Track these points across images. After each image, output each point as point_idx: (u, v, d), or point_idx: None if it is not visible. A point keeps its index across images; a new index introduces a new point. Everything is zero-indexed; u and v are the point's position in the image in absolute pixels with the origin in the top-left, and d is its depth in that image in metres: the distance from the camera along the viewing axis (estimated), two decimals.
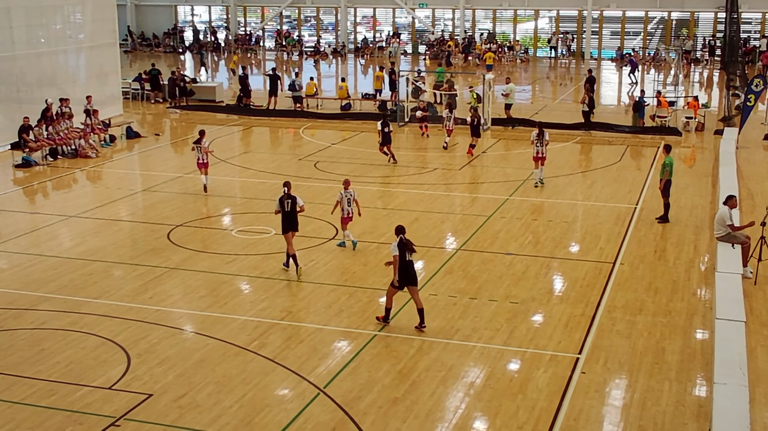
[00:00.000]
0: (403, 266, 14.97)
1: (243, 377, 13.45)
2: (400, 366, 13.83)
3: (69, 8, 35.96)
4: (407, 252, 14.99)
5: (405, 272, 15.01)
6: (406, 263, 14.99)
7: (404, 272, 15.00)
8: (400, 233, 15.17)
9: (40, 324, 15.47)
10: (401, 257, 14.93)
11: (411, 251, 15.04)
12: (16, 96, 31.51)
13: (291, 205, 17.92)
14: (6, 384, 13.20)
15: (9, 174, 27.30)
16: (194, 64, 56.83)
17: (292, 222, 18.02)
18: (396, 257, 14.89)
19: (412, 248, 15.06)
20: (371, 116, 36.95)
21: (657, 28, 63.86)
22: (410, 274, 15.06)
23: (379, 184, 25.35)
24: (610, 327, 15.33)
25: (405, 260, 14.99)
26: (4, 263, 18.92)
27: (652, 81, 49.47)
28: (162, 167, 27.38)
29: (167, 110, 39.06)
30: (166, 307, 16.28)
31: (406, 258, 14.98)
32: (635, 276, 17.91)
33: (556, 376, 13.50)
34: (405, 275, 15.02)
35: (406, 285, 15.14)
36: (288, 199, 17.89)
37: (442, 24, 66.50)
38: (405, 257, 14.97)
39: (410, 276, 15.07)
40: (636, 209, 22.70)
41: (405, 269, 15.00)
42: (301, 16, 69.12)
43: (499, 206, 22.90)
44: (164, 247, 19.77)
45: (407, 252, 14.99)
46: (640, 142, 31.90)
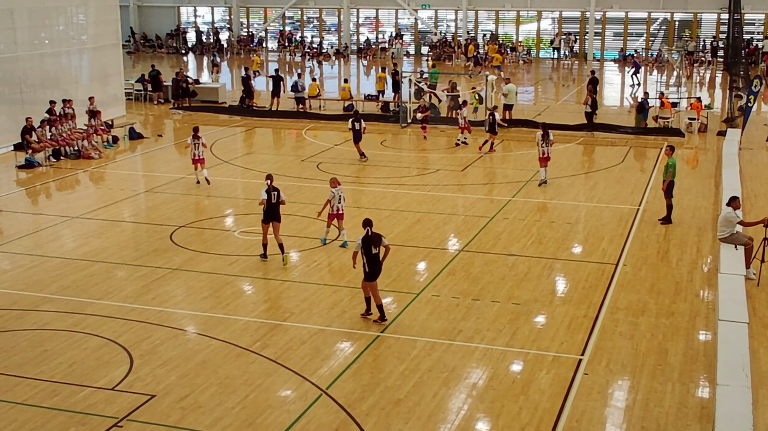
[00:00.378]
0: (369, 259, 15.18)
1: (245, 378, 13.45)
2: (402, 367, 13.83)
3: (72, 9, 35.98)
4: (372, 246, 15.16)
5: (372, 265, 15.25)
6: (372, 257, 15.19)
7: (371, 265, 15.24)
8: (366, 226, 15.36)
9: (42, 325, 15.49)
10: (367, 251, 15.13)
11: (377, 244, 15.20)
12: (19, 97, 31.53)
13: (276, 197, 18.44)
14: (9, 385, 13.21)
15: (12, 175, 27.33)
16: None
17: (274, 213, 18.52)
18: (357, 252, 15.28)
19: (377, 242, 15.22)
20: (374, 117, 37.00)
21: (660, 30, 63.83)
22: (377, 267, 15.29)
23: (381, 185, 25.35)
24: (612, 329, 15.32)
25: (371, 254, 15.18)
26: (7, 264, 18.94)
27: (654, 82, 49.41)
28: (165, 168, 27.40)
29: (170, 111, 39.10)
30: (168, 308, 16.28)
31: (372, 252, 15.17)
32: (638, 278, 17.89)
33: (559, 377, 13.49)
34: (373, 268, 15.27)
35: (375, 278, 15.39)
36: (273, 191, 18.40)
37: (444, 25, 66.48)
38: (371, 250, 15.16)
39: (378, 270, 15.33)
40: (639, 211, 22.68)
41: (371, 262, 15.21)
42: (303, 17, 69.14)
43: (501, 207, 22.90)
44: (167, 248, 19.78)
45: (372, 246, 15.16)
46: (642, 143, 31.88)
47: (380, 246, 15.31)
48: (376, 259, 15.28)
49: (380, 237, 15.36)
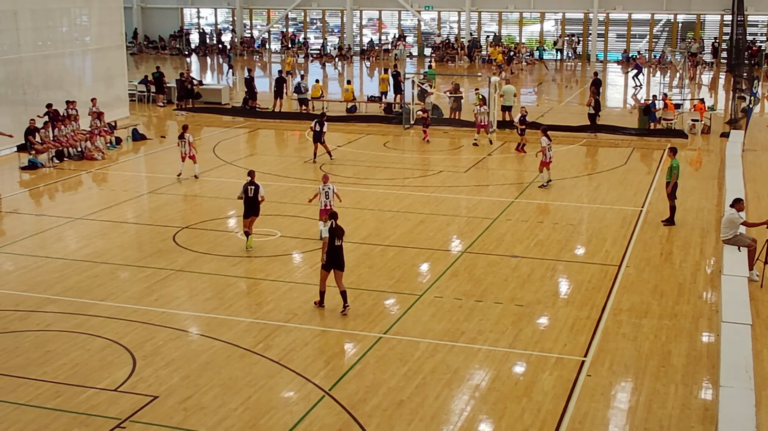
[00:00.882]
0: (332, 249, 15.81)
1: (248, 379, 13.45)
2: (405, 368, 13.83)
3: (75, 11, 36.03)
4: (336, 238, 15.81)
5: (333, 255, 15.84)
6: (334, 248, 15.83)
7: (332, 255, 15.83)
8: (332, 218, 16.02)
9: (46, 326, 15.50)
10: (330, 241, 15.78)
11: (340, 237, 15.88)
12: (22, 98, 31.58)
13: (254, 192, 19.39)
14: (12, 386, 13.22)
15: (15, 176, 27.36)
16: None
17: (253, 207, 19.48)
18: (326, 239, 15.80)
19: (341, 234, 15.90)
20: (377, 118, 37.03)
21: (663, 31, 63.80)
22: (337, 258, 15.90)
23: (384, 186, 25.35)
24: (615, 330, 15.31)
25: (334, 245, 15.81)
26: (11, 265, 18.96)
27: (658, 84, 49.41)
28: (168, 170, 27.41)
29: (174, 112, 39.13)
30: (171, 309, 16.29)
31: (335, 243, 15.81)
32: (641, 279, 17.88)
33: (562, 379, 13.48)
34: (333, 258, 15.86)
35: (333, 269, 15.94)
36: (251, 185, 19.37)
37: (447, 26, 66.49)
38: (334, 241, 15.80)
39: (337, 261, 15.91)
40: (642, 212, 22.67)
41: (333, 252, 15.83)
42: (307, 18, 69.18)
43: (504, 209, 22.89)
44: (170, 249, 19.79)
45: (336, 238, 15.81)
46: (646, 144, 31.86)
47: (343, 239, 16.01)
48: (338, 250, 15.92)
49: (343, 231, 16.03)
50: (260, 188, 19.49)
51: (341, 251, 15.99)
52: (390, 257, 19.17)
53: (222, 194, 24.58)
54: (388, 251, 19.55)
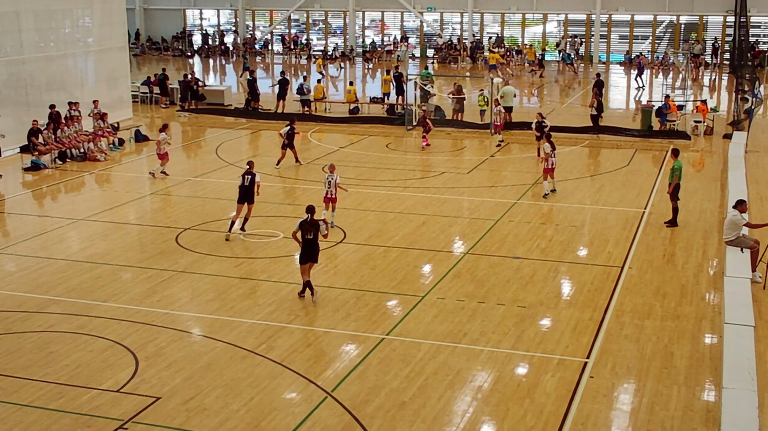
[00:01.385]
0: (304, 243, 16.43)
1: (250, 380, 13.46)
2: (407, 369, 13.82)
3: (78, 12, 36.06)
4: (307, 232, 16.38)
5: (305, 248, 16.42)
6: (306, 241, 16.40)
7: (304, 248, 16.43)
8: (308, 212, 16.55)
9: (48, 327, 15.51)
10: (302, 235, 16.40)
11: (310, 231, 16.37)
12: (25, 100, 31.63)
13: (250, 180, 20.45)
14: (15, 387, 13.23)
15: (18, 177, 27.38)
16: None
17: (246, 195, 20.53)
18: (296, 232, 16.51)
19: (310, 229, 16.38)
20: (379, 119, 37.02)
21: (666, 32, 63.76)
22: (309, 251, 16.47)
23: (387, 187, 25.35)
24: (618, 332, 15.30)
25: (305, 238, 16.39)
26: (13, 266, 18.98)
27: (660, 85, 49.39)
28: (170, 171, 27.39)
29: (177, 113, 39.16)
30: (174, 310, 16.30)
31: (306, 236, 16.38)
32: (643, 280, 17.87)
33: (564, 380, 13.47)
34: (306, 252, 16.45)
35: (308, 261, 16.53)
36: (248, 175, 20.54)
37: (450, 28, 66.48)
38: (306, 234, 16.39)
39: (310, 254, 16.48)
40: (644, 213, 22.65)
41: (305, 246, 16.42)
42: (309, 19, 69.21)
43: (507, 210, 22.88)
44: (172, 250, 19.80)
45: (307, 232, 16.38)
46: (648, 146, 31.84)
47: (317, 233, 16.46)
48: (311, 243, 16.43)
49: (318, 224, 16.49)
50: (256, 176, 20.58)
51: (313, 244, 16.47)
52: (392, 258, 19.18)
53: (224, 195, 24.58)
54: (390, 252, 19.55)
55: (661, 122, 33.77)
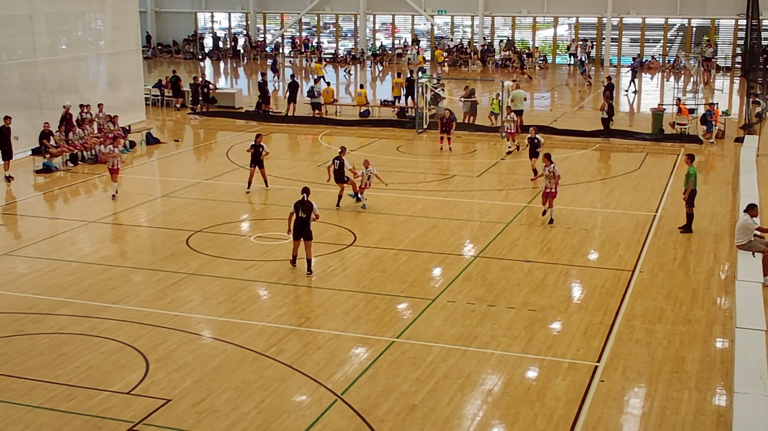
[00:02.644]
0: (297, 221, 17.91)
1: (261, 383, 13.47)
2: (417, 372, 13.81)
3: (90, 15, 36.20)
4: (300, 210, 17.89)
5: (298, 226, 17.96)
6: (299, 220, 17.88)
7: (297, 226, 17.97)
8: (303, 192, 18.14)
9: (59, 329, 15.56)
10: (296, 214, 17.91)
11: (304, 210, 17.88)
12: (37, 102, 31.75)
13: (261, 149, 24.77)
14: (26, 389, 13.28)
15: (30, 179, 27.49)
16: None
17: (257, 159, 24.81)
18: (292, 213, 18.00)
19: (305, 209, 17.90)
20: (390, 122, 37.04)
21: (677, 35, 63.61)
22: (302, 229, 17.96)
23: (397, 190, 25.34)
24: (629, 335, 15.26)
25: (299, 217, 17.87)
26: (25, 268, 19.04)
27: (672, 89, 49.26)
28: (181, 173, 27.50)
29: (188, 116, 39.26)
30: (184, 312, 16.33)
31: (299, 215, 17.86)
32: (654, 284, 17.82)
33: (575, 384, 13.44)
34: (298, 229, 17.98)
35: (300, 238, 18.04)
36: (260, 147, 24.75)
37: (461, 31, 66.45)
38: (299, 213, 17.89)
39: (302, 231, 17.98)
40: (655, 217, 22.59)
41: (298, 224, 17.94)
42: (320, 23, 69.28)
43: (517, 214, 22.85)
44: (183, 253, 19.84)
45: (300, 210, 17.89)
46: (659, 149, 31.76)
47: (311, 212, 17.97)
48: (303, 222, 17.91)
49: (311, 205, 17.99)
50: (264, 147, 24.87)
51: (306, 223, 17.93)
52: (403, 261, 19.17)
53: (235, 197, 24.63)
54: (400, 255, 19.54)
55: (708, 129, 33.26)
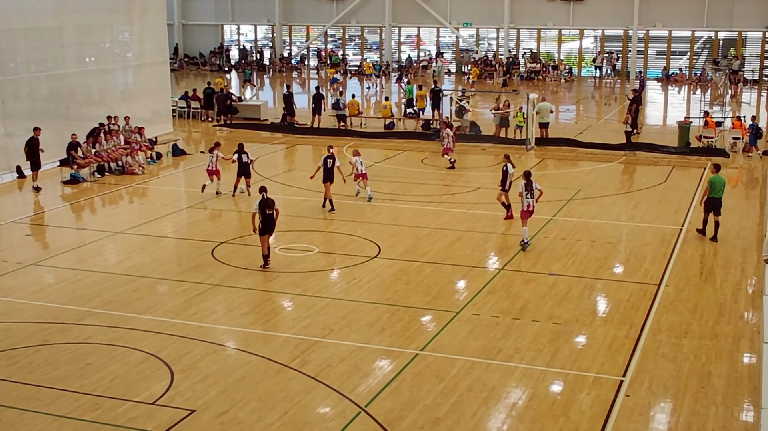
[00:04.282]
0: (264, 218, 19.10)
1: (284, 394, 13.48)
2: (441, 385, 13.78)
3: (118, 27, 36.55)
4: (267, 208, 19.08)
5: (265, 223, 19.11)
6: (266, 216, 19.10)
7: (264, 223, 19.11)
8: (261, 191, 19.44)
9: (85, 339, 15.66)
10: (262, 212, 19.06)
11: (270, 207, 19.16)
12: (65, 113, 32.04)
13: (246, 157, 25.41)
14: (51, 398, 13.37)
15: (57, 190, 27.74)
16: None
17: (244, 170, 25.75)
18: (255, 213, 19.20)
19: (271, 206, 19.19)
20: (414, 135, 37.07)
21: (704, 48, 63.27)
22: (269, 225, 19.19)
23: (421, 203, 25.34)
24: (654, 350, 15.14)
25: (265, 214, 19.09)
26: (52, 278, 19.20)
27: (698, 101, 48.98)
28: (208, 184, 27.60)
29: (214, 128, 39.47)
30: (209, 323, 16.39)
31: (266, 212, 19.09)
32: (681, 298, 17.68)
33: (600, 399, 13.35)
34: (265, 225, 19.12)
35: (266, 233, 19.20)
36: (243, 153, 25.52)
37: (486, 43, 66.46)
38: (265, 211, 19.09)
39: (269, 227, 19.21)
40: (681, 231, 22.43)
41: (265, 221, 19.11)
42: (345, 35, 69.54)
43: (542, 226, 22.76)
44: (208, 264, 19.93)
45: (267, 208, 19.08)
46: (685, 163, 31.57)
47: (274, 209, 19.20)
48: (270, 218, 19.13)
49: (273, 202, 19.27)
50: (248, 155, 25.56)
51: (271, 218, 19.17)
52: (427, 273, 19.15)
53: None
54: (425, 267, 19.52)
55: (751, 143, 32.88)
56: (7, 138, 29.19)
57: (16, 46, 30.57)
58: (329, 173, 24.34)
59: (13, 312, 17.00)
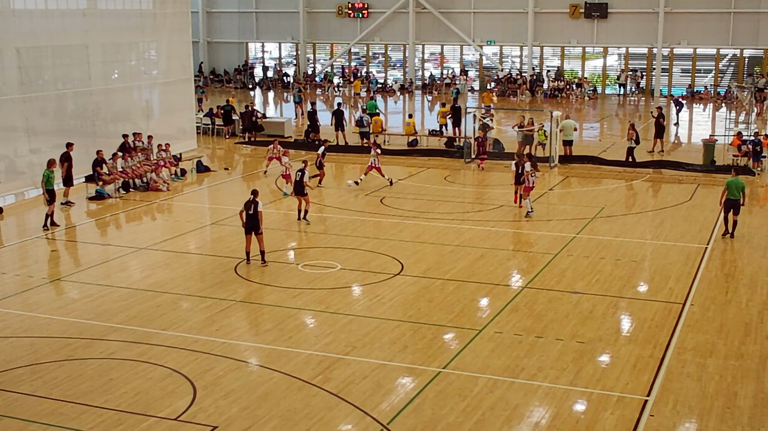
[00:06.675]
0: (248, 217, 20.43)
1: (307, 411, 13.47)
2: (464, 404, 13.72)
3: (144, 45, 36.92)
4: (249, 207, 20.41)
5: (249, 222, 20.48)
6: (249, 215, 20.41)
7: (248, 222, 20.48)
8: (252, 194, 20.66)
9: (109, 354, 15.74)
10: (246, 211, 20.42)
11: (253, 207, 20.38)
12: (91, 130, 32.33)
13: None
14: (75, 413, 13.43)
15: (83, 206, 27.94)
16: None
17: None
18: (242, 211, 20.58)
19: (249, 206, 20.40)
20: (438, 152, 37.09)
21: (729, 66, 62.94)
22: (252, 224, 20.46)
23: (444, 220, 25.32)
24: (679, 370, 15.01)
25: (249, 213, 20.40)
26: (76, 294, 19.33)
27: (723, 119, 48.68)
28: (231, 201, 27.76)
29: (238, 145, 39.68)
30: (232, 340, 16.42)
31: (249, 212, 20.39)
32: (706, 318, 17.53)
33: (624, 418, 13.24)
34: (249, 224, 20.48)
35: (252, 232, 20.54)
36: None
37: (509, 61, 66.48)
38: (249, 211, 20.40)
39: (253, 226, 20.48)
40: (707, 249, 22.26)
41: (248, 220, 20.45)
42: (369, 53, 69.80)
43: (566, 244, 22.67)
44: (231, 280, 19.99)
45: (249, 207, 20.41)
46: (711, 181, 31.35)
47: (257, 209, 20.43)
48: (252, 217, 20.41)
49: (257, 203, 20.48)
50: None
51: (255, 218, 20.37)
52: (450, 291, 19.11)
53: (283, 225, 24.79)
54: (447, 285, 19.49)
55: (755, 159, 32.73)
56: (33, 155, 29.45)
57: (43, 63, 30.94)
58: (299, 186, 24.62)
59: (38, 327, 17.12)
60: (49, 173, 24.94)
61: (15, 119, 29.38)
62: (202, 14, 70.30)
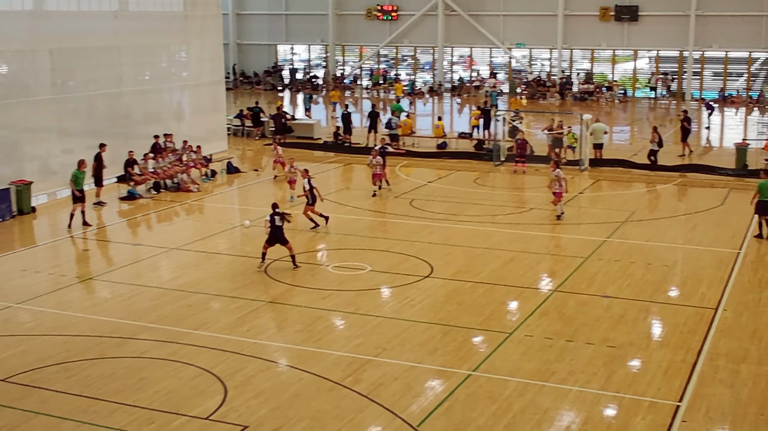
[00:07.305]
0: (274, 230, 20.41)
1: (337, 412, 13.49)
2: (494, 407, 13.68)
3: (175, 47, 37.15)
4: (276, 220, 20.42)
5: (274, 234, 20.47)
6: (275, 228, 20.40)
7: (273, 234, 20.46)
8: (274, 208, 20.64)
9: (141, 353, 15.85)
10: (272, 224, 20.36)
11: (281, 219, 20.53)
12: (123, 131, 32.55)
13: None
14: (107, 411, 13.54)
15: (115, 206, 28.17)
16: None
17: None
18: (267, 221, 20.52)
19: (282, 218, 20.57)
20: (467, 154, 37.02)
21: (761, 69, 62.31)
22: (278, 236, 20.55)
23: (474, 223, 25.27)
24: (712, 375, 14.88)
25: (275, 226, 20.38)
26: (108, 293, 19.49)
27: (756, 123, 48.21)
28: (260, 202, 27.84)
29: (267, 147, 39.82)
30: (262, 340, 16.48)
31: (275, 224, 20.38)
32: (739, 323, 17.37)
33: (655, 424, 13.15)
34: (274, 236, 20.49)
35: (277, 243, 20.53)
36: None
37: (539, 64, 66.23)
38: (275, 223, 20.39)
39: (278, 238, 20.56)
40: (739, 254, 22.05)
41: (274, 232, 20.44)
42: (398, 55, 69.83)
43: (596, 248, 22.55)
44: (261, 281, 20.07)
45: (276, 220, 20.42)
46: (743, 185, 31.05)
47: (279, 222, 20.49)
48: (279, 230, 20.51)
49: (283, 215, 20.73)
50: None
51: (281, 230, 20.55)
52: (479, 294, 19.07)
53: (307, 227, 24.83)
54: (477, 288, 19.45)
55: None
56: (65, 155, 29.72)
57: (75, 65, 31.18)
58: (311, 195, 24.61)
59: (71, 326, 17.28)
60: (78, 173, 25.15)
61: (48, 119, 29.66)
62: (232, 16, 70.67)
